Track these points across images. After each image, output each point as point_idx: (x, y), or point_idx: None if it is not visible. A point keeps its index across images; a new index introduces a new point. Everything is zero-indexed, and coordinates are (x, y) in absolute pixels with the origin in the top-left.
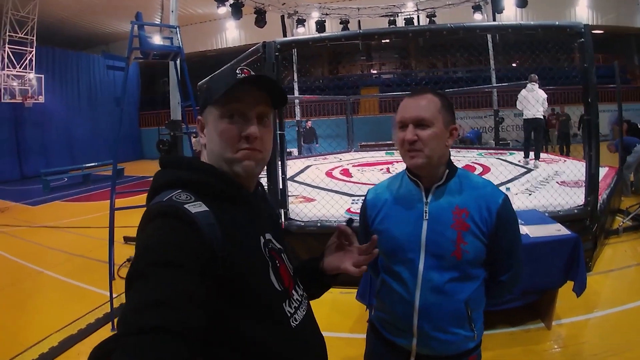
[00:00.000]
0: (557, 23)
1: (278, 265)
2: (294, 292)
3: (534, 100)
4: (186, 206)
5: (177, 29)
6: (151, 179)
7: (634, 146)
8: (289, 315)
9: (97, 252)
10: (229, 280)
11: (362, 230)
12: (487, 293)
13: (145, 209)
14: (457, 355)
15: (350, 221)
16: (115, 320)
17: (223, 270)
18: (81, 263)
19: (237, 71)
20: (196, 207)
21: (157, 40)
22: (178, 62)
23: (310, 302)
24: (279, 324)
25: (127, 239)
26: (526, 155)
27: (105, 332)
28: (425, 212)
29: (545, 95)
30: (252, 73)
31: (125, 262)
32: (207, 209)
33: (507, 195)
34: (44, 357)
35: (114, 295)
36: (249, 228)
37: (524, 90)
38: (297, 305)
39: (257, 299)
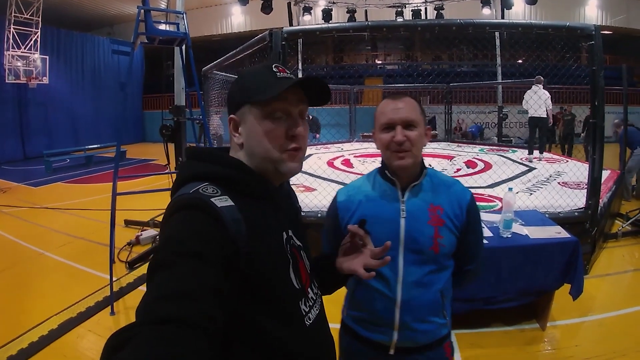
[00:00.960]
0: (567, 24)
1: (298, 262)
2: (309, 290)
3: (532, 101)
4: (212, 200)
5: (184, 15)
6: (153, 161)
7: (639, 142)
8: (304, 313)
9: (98, 234)
10: (251, 276)
11: (332, 232)
12: (454, 283)
13: (170, 199)
14: (434, 343)
15: (362, 222)
16: (115, 304)
17: (245, 266)
18: (82, 245)
19: (274, 69)
20: (222, 202)
21: (163, 25)
22: (183, 47)
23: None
24: (294, 322)
25: (128, 222)
26: (530, 152)
27: (105, 316)
28: (403, 210)
29: (548, 95)
30: (287, 71)
31: (125, 245)
32: (232, 203)
33: (472, 192)
34: (44, 340)
35: (114, 279)
36: (273, 224)
37: (529, 90)
38: (311, 304)
39: (277, 297)
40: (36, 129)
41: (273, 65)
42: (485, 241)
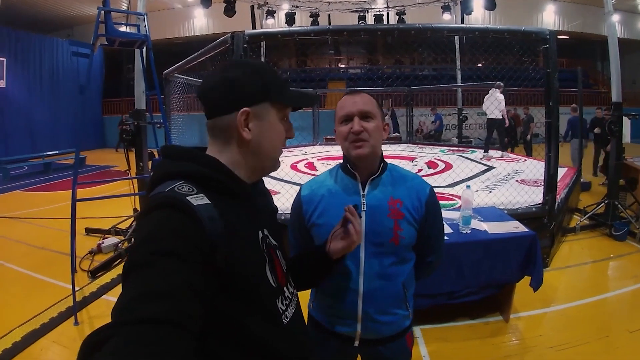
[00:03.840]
0: (523, 28)
1: (274, 261)
2: (285, 289)
3: (488, 103)
4: (188, 198)
5: (145, 17)
6: (113, 167)
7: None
8: (281, 312)
9: (58, 244)
10: (228, 274)
11: (297, 225)
12: (416, 274)
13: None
14: (397, 335)
15: (355, 207)
16: (78, 314)
17: (223, 264)
18: (42, 255)
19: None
20: (198, 200)
21: (123, 27)
22: (144, 50)
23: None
24: (272, 320)
25: (88, 231)
26: (486, 151)
27: (69, 326)
28: (363, 204)
29: (502, 97)
30: None
31: (87, 254)
32: (209, 202)
33: (432, 186)
34: (8, 353)
35: (76, 289)
36: (249, 223)
37: (487, 95)
38: (288, 303)
39: (254, 294)
40: None
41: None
42: (445, 237)
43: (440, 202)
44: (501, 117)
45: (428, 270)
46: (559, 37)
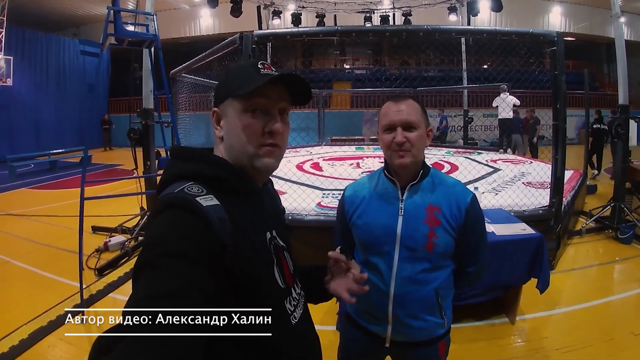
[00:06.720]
0: (531, 31)
1: (282, 262)
2: (293, 290)
3: (504, 104)
4: (198, 199)
5: (154, 17)
6: (119, 166)
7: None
8: (290, 312)
9: (65, 241)
10: (237, 274)
11: (340, 225)
12: (455, 283)
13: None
14: (428, 341)
15: (342, 250)
16: (85, 311)
17: (231, 265)
18: (49, 253)
19: (259, 65)
20: (207, 201)
21: (131, 26)
22: (152, 49)
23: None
24: (281, 320)
25: (95, 229)
26: (500, 146)
27: (76, 324)
28: (401, 209)
29: (515, 100)
30: (273, 68)
31: (93, 252)
32: (218, 202)
33: (475, 194)
34: (15, 350)
35: (84, 286)
36: (257, 224)
37: (498, 97)
38: (295, 304)
39: (262, 295)
40: None
41: (259, 62)
42: None
43: None
44: (511, 117)
45: (468, 280)
46: (565, 38)
